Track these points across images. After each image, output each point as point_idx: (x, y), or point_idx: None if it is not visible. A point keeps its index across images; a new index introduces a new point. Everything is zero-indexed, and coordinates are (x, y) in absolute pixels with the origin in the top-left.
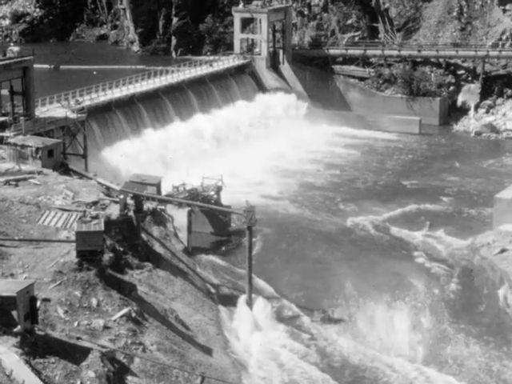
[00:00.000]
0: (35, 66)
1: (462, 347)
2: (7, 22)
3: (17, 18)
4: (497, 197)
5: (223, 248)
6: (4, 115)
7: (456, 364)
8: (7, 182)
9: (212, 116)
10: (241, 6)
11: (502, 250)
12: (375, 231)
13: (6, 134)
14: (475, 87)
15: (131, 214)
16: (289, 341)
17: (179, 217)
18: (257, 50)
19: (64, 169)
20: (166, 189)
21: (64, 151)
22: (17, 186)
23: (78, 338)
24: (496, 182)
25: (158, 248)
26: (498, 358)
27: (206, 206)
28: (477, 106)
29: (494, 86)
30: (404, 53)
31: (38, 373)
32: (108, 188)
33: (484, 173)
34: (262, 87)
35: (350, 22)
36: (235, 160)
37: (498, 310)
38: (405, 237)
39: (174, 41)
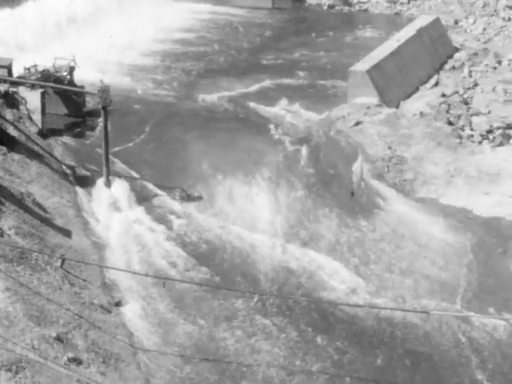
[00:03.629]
0: None
1: (319, 220)
2: None
3: None
4: (351, 69)
5: (79, 129)
6: None
7: (314, 237)
8: None
9: None
10: None
11: (357, 123)
12: (232, 108)
13: None
14: None
15: None
16: (148, 220)
17: (32, 99)
18: None
19: None
20: (17, 70)
21: None
22: None
23: None
24: (350, 55)
25: (11, 131)
26: (354, 229)
27: (59, 87)
28: None
29: None
30: None
31: None
32: None
33: (338, 46)
34: None
35: None
36: (90, 39)
37: (355, 182)
38: (261, 112)
39: None
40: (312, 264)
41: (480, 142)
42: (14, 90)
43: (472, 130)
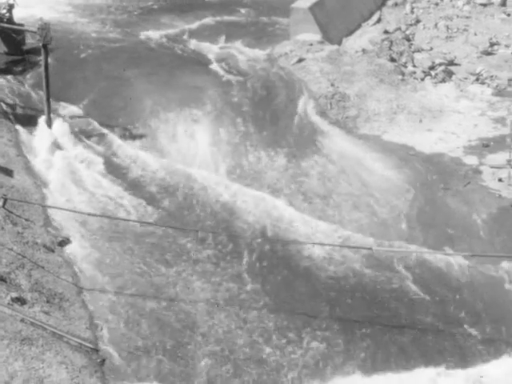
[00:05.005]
0: None
1: (263, 158)
2: None
3: None
4: (293, 6)
5: (18, 68)
6: None
7: (259, 175)
8: None
9: None
10: None
11: (300, 60)
12: (173, 45)
13: None
14: None
15: None
16: (90, 159)
17: None
18: None
19: None
20: None
21: None
22: None
23: None
24: None
25: None
26: (297, 166)
27: None
28: None
29: None
30: None
31: None
32: None
33: None
34: None
35: None
36: None
37: (298, 120)
38: (203, 50)
39: None
40: (255, 202)
41: (422, 79)
42: None
43: (414, 66)
